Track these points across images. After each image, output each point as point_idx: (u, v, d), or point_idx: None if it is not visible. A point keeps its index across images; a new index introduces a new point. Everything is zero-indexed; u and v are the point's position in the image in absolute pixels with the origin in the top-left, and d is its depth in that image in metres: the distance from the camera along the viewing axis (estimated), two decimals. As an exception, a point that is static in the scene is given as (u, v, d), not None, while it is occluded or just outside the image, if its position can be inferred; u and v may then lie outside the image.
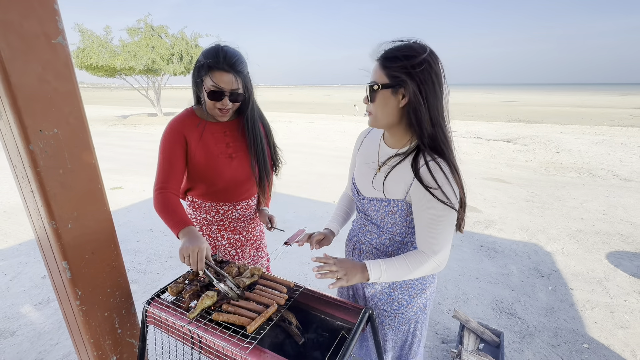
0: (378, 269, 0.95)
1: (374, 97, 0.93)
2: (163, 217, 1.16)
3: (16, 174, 0.95)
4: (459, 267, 2.92)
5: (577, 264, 2.97)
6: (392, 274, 0.95)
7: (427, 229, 0.93)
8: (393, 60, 0.88)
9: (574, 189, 5.12)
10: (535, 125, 13.79)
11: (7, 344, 2.04)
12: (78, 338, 1.13)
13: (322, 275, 0.95)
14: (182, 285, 1.07)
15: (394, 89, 0.89)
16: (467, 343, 1.90)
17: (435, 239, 0.93)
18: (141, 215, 4.14)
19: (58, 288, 1.09)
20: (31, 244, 3.38)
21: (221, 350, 0.88)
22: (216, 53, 1.14)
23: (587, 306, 2.40)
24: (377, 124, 0.98)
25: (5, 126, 0.86)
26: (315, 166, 6.75)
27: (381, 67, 0.90)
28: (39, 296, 2.52)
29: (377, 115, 0.95)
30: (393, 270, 0.95)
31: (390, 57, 0.89)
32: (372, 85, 0.92)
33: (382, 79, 0.90)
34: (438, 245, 0.93)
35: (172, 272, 2.84)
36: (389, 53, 0.90)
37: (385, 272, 0.94)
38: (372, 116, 0.97)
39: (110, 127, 13.44)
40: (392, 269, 0.95)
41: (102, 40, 13.91)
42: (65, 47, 0.87)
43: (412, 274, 0.96)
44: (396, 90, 0.89)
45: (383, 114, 0.94)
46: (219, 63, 1.13)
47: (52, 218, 0.91)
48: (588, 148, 8.35)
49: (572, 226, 3.77)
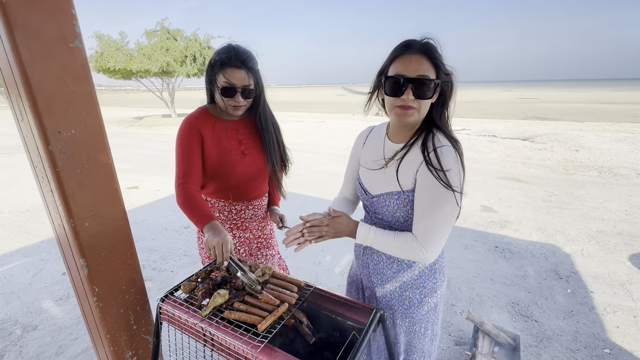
0: (367, 233, 1.00)
1: (434, 93, 0.90)
2: (187, 213, 1.19)
3: (37, 173, 0.98)
4: (472, 268, 2.86)
5: (597, 266, 2.86)
6: (377, 243, 1.00)
7: (426, 213, 0.93)
8: (439, 55, 0.89)
9: (595, 189, 4.94)
10: (553, 122, 13.38)
11: (30, 338, 2.13)
12: (95, 333, 1.17)
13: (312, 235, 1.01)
14: (195, 283, 1.09)
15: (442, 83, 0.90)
16: (481, 346, 1.86)
17: (432, 227, 0.92)
18: (156, 214, 4.23)
19: (76, 285, 1.12)
20: (52, 241, 3.50)
21: (232, 348, 0.89)
22: (228, 51, 1.18)
23: (609, 310, 2.31)
24: (418, 119, 0.94)
25: (26, 127, 0.89)
26: (327, 166, 6.75)
27: (430, 59, 0.88)
28: (60, 292, 2.61)
29: (422, 111, 0.92)
30: (379, 241, 0.99)
31: (436, 51, 0.89)
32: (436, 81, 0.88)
33: (434, 74, 0.89)
34: (431, 234, 0.93)
35: (185, 270, 2.89)
36: (432, 48, 0.89)
37: (373, 238, 1.00)
38: (415, 111, 0.91)
39: (127, 128, 13.80)
40: (380, 239, 0.99)
41: (119, 44, 14.30)
42: (82, 51, 0.90)
43: (394, 252, 0.99)
44: (437, 85, 0.89)
45: (427, 110, 0.93)
46: (231, 60, 1.16)
47: (71, 217, 0.94)
48: (609, 146, 8.04)
49: (592, 227, 3.64)
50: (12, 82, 0.84)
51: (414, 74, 0.87)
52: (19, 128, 0.94)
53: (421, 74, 0.87)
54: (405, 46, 0.90)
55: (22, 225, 3.93)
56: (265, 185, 1.46)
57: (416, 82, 0.87)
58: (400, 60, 0.90)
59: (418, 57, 0.88)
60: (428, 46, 0.89)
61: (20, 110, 0.88)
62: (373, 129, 1.17)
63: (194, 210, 1.18)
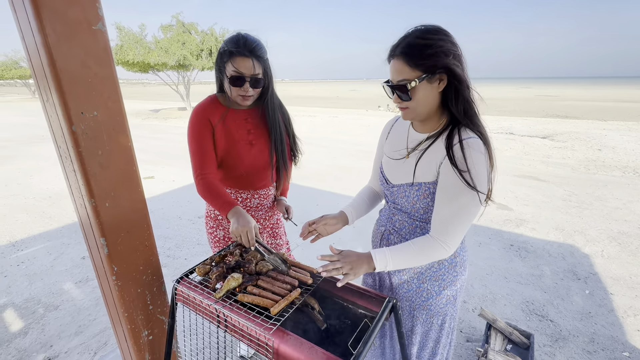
0: (384, 257, 0.94)
1: (413, 94, 0.89)
2: (209, 202, 1.27)
3: (60, 154, 1.01)
4: (486, 266, 2.81)
5: (618, 268, 2.76)
6: (399, 262, 0.95)
7: (446, 210, 0.91)
8: (421, 49, 0.85)
9: (618, 189, 4.76)
10: (575, 121, 12.90)
11: (51, 317, 2.22)
12: (114, 312, 1.20)
13: (328, 273, 0.95)
14: (209, 266, 1.11)
15: (430, 77, 0.86)
16: (493, 343, 1.82)
17: (452, 224, 0.90)
18: (171, 203, 4.32)
19: (97, 264, 1.16)
20: (73, 227, 3.63)
21: (245, 330, 0.90)
22: (237, 40, 1.19)
23: (629, 313, 2.23)
24: (418, 117, 0.95)
25: (51, 108, 0.92)
26: (339, 160, 6.72)
27: (408, 62, 0.86)
28: (79, 275, 2.71)
29: (418, 109, 0.92)
30: (399, 258, 0.95)
31: (416, 48, 0.85)
32: (409, 83, 0.87)
33: (414, 74, 0.86)
34: (452, 231, 0.91)
35: (199, 258, 2.95)
36: (412, 46, 0.85)
37: (392, 260, 0.94)
38: (410, 111, 0.93)
39: (144, 121, 14.10)
40: (398, 256, 0.95)
41: (138, 37, 14.55)
42: (105, 33, 0.91)
43: (419, 262, 0.95)
44: (432, 78, 0.87)
45: (424, 106, 0.91)
46: (239, 48, 1.17)
47: (92, 196, 0.97)
48: (635, 146, 7.70)
49: (613, 228, 3.51)
50: (39, 63, 0.87)
51: (395, 81, 0.90)
52: (44, 109, 0.97)
53: (399, 78, 0.89)
54: (390, 52, 0.92)
55: (45, 211, 4.09)
56: (272, 176, 1.46)
57: (395, 88, 0.90)
58: (389, 66, 0.93)
59: (396, 61, 0.89)
60: (404, 46, 0.86)
61: (46, 91, 0.90)
62: (399, 118, 1.15)
63: (215, 199, 1.24)
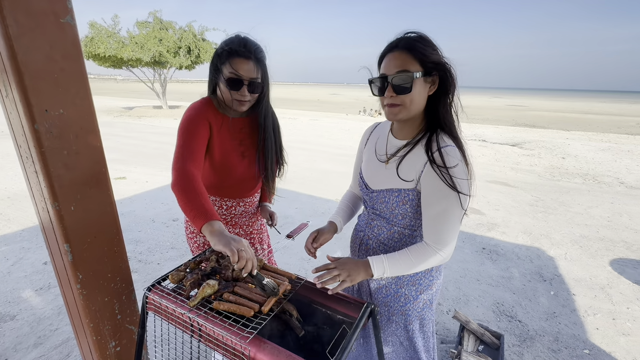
0: (381, 265, 0.94)
1: (413, 86, 0.87)
2: (183, 200, 0.98)
3: (20, 154, 0.94)
4: (460, 269, 2.90)
5: (580, 270, 2.94)
6: (396, 269, 0.95)
7: (436, 219, 0.92)
8: (424, 46, 0.86)
9: (579, 195, 5.07)
10: (541, 130, 13.69)
11: (7, 328, 2.05)
12: (78, 322, 1.13)
13: (324, 283, 0.94)
14: (183, 273, 1.06)
15: (428, 76, 0.88)
16: (466, 344, 1.88)
17: (444, 231, 0.92)
18: (144, 205, 4.15)
19: (59, 271, 1.08)
20: (34, 230, 3.40)
21: (221, 339, 0.87)
22: (238, 40, 1.12)
23: (589, 312, 2.37)
24: (408, 115, 0.92)
25: (10, 104, 0.85)
26: (319, 163, 6.73)
27: (413, 54, 0.85)
28: (40, 282, 2.53)
29: (410, 106, 0.89)
30: (396, 265, 0.95)
31: (420, 44, 0.86)
32: (415, 74, 0.85)
33: (416, 67, 0.86)
34: (446, 238, 0.93)
35: (172, 263, 2.84)
36: (415, 41, 0.86)
37: (389, 267, 0.94)
38: (402, 107, 0.90)
39: (116, 118, 13.49)
40: (396, 264, 0.95)
41: (110, 30, 13.93)
42: (74, 27, 0.86)
43: (415, 268, 0.95)
44: (428, 78, 0.88)
45: (416, 104, 0.90)
46: (240, 49, 1.10)
47: (55, 199, 0.90)
48: (594, 155, 8.27)
49: (576, 232, 3.73)
50: (-2, 55, 0.81)
51: (393, 71, 0.87)
52: (2, 105, 0.90)
53: (400, 69, 0.86)
54: (388, 47, 0.91)
55: (3, 213, 3.80)
56: (259, 185, 1.42)
57: (394, 78, 0.87)
58: (384, 61, 0.91)
59: (398, 53, 0.87)
60: (407, 40, 0.87)
61: (6, 86, 0.84)
62: (378, 124, 1.16)
63: (193, 200, 0.96)
